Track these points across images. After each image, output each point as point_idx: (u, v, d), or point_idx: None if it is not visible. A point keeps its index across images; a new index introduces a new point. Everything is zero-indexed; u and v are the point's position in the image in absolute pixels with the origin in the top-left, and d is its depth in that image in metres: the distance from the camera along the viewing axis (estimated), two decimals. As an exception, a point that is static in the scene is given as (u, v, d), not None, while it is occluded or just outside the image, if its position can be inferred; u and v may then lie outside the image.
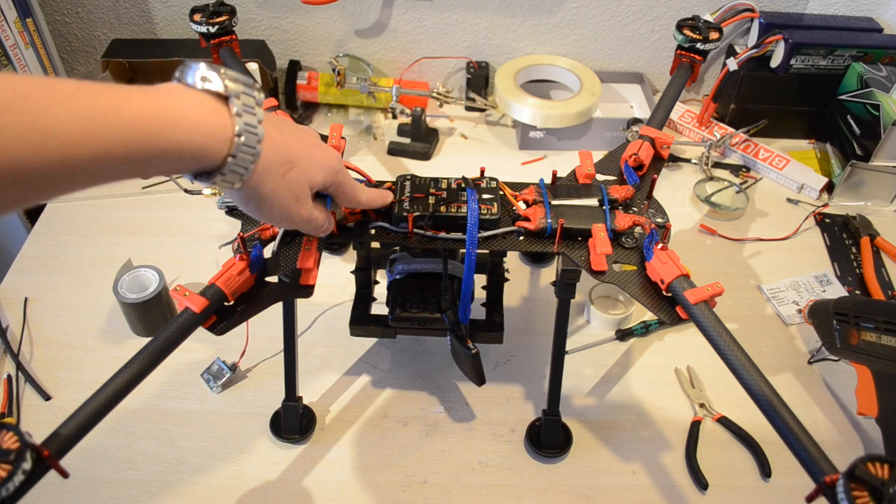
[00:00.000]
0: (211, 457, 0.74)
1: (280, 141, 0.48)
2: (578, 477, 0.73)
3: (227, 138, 0.43)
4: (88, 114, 0.36)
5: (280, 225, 0.54)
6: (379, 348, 0.85)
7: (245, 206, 0.50)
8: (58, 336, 0.85)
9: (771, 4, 1.15)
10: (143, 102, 0.39)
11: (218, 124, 0.42)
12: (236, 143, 0.43)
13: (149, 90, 0.40)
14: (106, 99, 0.37)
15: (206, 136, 0.41)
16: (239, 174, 0.44)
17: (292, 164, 0.49)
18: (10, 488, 0.44)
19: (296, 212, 0.52)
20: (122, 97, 0.38)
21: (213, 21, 0.80)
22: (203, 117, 0.42)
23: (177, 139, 0.40)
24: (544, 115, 1.07)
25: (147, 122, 0.39)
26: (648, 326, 0.87)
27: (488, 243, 0.65)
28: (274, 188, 0.48)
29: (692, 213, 1.04)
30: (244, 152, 0.44)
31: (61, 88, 0.36)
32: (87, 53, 1.22)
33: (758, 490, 0.72)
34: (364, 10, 1.16)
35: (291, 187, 0.50)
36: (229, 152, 0.43)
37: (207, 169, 0.43)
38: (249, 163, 0.44)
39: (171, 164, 0.41)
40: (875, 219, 1.01)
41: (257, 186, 0.47)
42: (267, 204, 0.49)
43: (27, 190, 0.35)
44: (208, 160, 0.42)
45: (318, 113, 1.21)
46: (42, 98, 0.35)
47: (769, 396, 0.52)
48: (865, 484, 0.43)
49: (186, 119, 0.41)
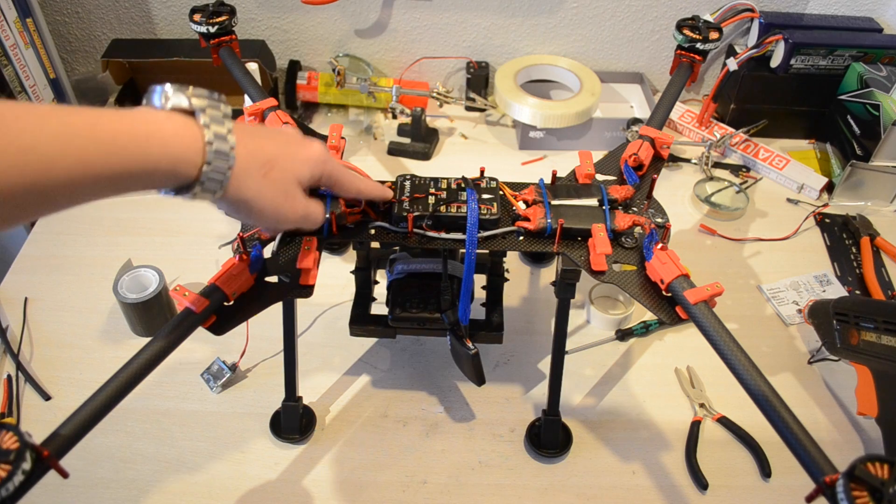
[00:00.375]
0: (211, 457, 0.74)
1: (254, 144, 0.49)
2: (578, 477, 0.73)
3: (198, 149, 0.44)
4: (64, 130, 0.37)
5: (278, 227, 0.55)
6: (379, 348, 0.85)
7: (236, 214, 0.50)
8: (58, 336, 0.85)
9: (771, 4, 1.15)
10: (116, 120, 0.40)
11: (188, 136, 0.43)
12: (208, 152, 0.44)
13: (121, 111, 0.42)
14: (80, 117, 0.38)
15: (178, 148, 0.43)
16: (217, 181, 0.45)
17: (272, 163, 0.50)
18: (10, 488, 0.44)
19: (289, 209, 0.52)
20: (95, 115, 0.39)
21: (212, 21, 0.80)
22: (173, 131, 0.43)
23: (151, 152, 0.41)
24: (544, 115, 1.07)
25: (122, 136, 0.40)
26: (648, 326, 0.87)
27: (488, 243, 0.65)
28: (258, 190, 0.49)
29: (692, 213, 1.04)
30: (218, 159, 0.44)
31: (36, 109, 0.37)
32: (87, 53, 1.22)
33: (758, 490, 0.72)
34: (364, 10, 1.16)
35: (277, 186, 0.50)
36: (203, 161, 0.44)
37: (185, 182, 0.44)
38: (225, 169, 0.45)
39: (148, 178, 0.42)
40: (875, 219, 1.01)
41: (239, 191, 0.47)
42: (256, 207, 0.49)
43: (10, 209, 0.36)
44: (184, 172, 0.43)
45: (318, 113, 1.21)
46: (18, 117, 0.36)
47: (769, 396, 0.52)
48: (865, 484, 0.43)
49: (158, 133, 0.42)
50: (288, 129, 0.57)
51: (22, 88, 1.02)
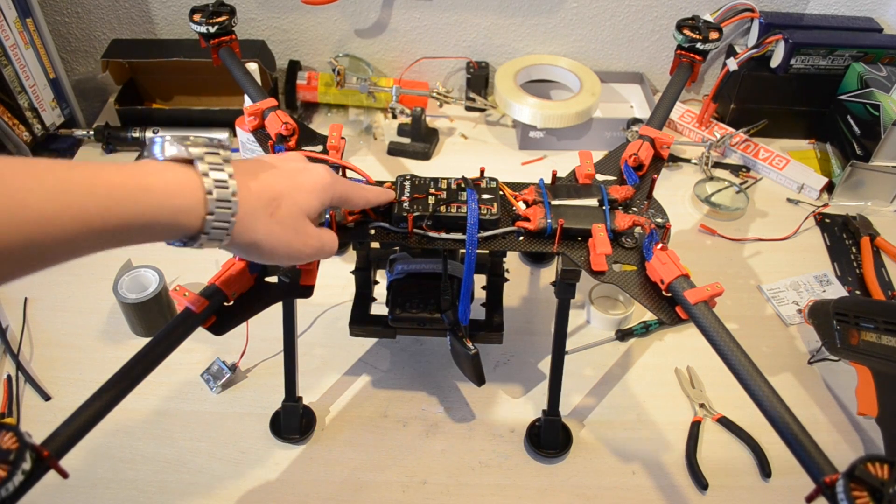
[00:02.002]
0: (211, 457, 0.74)
1: (257, 185, 0.48)
2: (578, 477, 0.73)
3: (199, 199, 0.43)
4: (63, 186, 0.37)
5: (293, 263, 0.54)
6: (379, 348, 0.85)
7: (248, 257, 0.49)
8: (58, 336, 0.85)
9: (771, 4, 1.15)
10: (115, 173, 0.40)
11: (187, 186, 0.43)
12: (209, 201, 0.43)
13: (120, 165, 0.41)
14: (78, 172, 0.38)
15: (178, 199, 0.42)
16: (222, 229, 0.44)
17: (278, 201, 0.49)
18: (10, 488, 0.44)
19: (301, 245, 0.51)
20: (94, 170, 0.39)
21: (212, 21, 0.80)
22: (173, 181, 0.42)
23: (151, 204, 0.40)
24: (544, 115, 1.07)
25: (120, 190, 0.39)
26: (648, 326, 0.87)
27: (488, 243, 0.65)
28: (267, 231, 0.48)
29: (692, 213, 1.04)
30: (220, 208, 0.44)
31: (34, 164, 0.37)
32: (87, 53, 1.22)
33: (758, 490, 0.72)
34: (364, 10, 1.16)
35: (286, 223, 0.49)
36: (206, 211, 0.43)
37: (189, 233, 0.44)
38: (228, 216, 0.44)
39: (149, 231, 0.41)
40: (875, 219, 1.01)
41: (247, 235, 0.46)
42: (267, 248, 0.48)
43: (9, 265, 0.36)
44: (186, 224, 0.43)
45: (318, 113, 1.21)
46: (16, 174, 0.35)
47: (769, 396, 0.52)
48: (865, 484, 0.43)
49: (157, 185, 0.41)
50: (290, 155, 0.56)
51: (22, 88, 1.02)
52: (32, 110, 1.05)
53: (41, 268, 0.38)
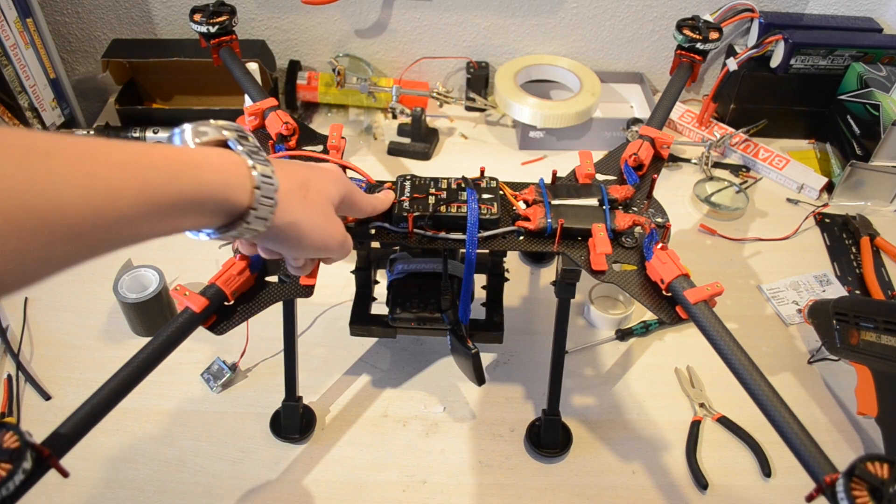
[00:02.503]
0: (211, 457, 0.74)
1: (286, 167, 0.48)
2: (578, 477, 0.73)
3: (245, 174, 0.43)
4: (125, 158, 0.36)
5: (320, 253, 0.52)
6: (379, 348, 0.85)
7: (283, 241, 0.48)
8: (58, 336, 0.85)
9: (771, 4, 1.15)
10: (169, 150, 0.40)
11: (233, 163, 0.42)
12: (255, 177, 0.43)
13: (166, 145, 0.41)
14: (135, 146, 0.38)
15: (228, 175, 0.42)
16: (268, 207, 0.44)
17: (307, 184, 0.49)
18: (11, 488, 0.44)
19: (332, 231, 0.50)
20: (149, 147, 0.39)
21: (213, 21, 0.80)
22: (219, 159, 0.42)
23: (205, 179, 0.40)
24: (544, 115, 1.07)
25: (177, 163, 0.39)
26: (648, 326, 0.87)
27: (488, 243, 0.65)
28: (304, 213, 0.47)
29: (692, 213, 1.04)
30: (265, 183, 0.43)
31: (92, 140, 0.36)
32: (87, 53, 1.22)
33: (758, 490, 0.72)
34: (364, 10, 1.16)
35: (318, 207, 0.49)
36: (252, 185, 0.43)
37: (237, 210, 0.43)
38: (273, 192, 0.44)
39: (204, 208, 0.41)
40: (875, 219, 1.01)
41: (288, 215, 0.46)
42: (305, 230, 0.48)
43: (75, 242, 0.35)
44: (237, 199, 0.42)
45: (318, 113, 1.21)
46: (81, 144, 0.35)
47: (769, 396, 0.52)
48: (865, 483, 0.43)
49: (206, 161, 0.41)
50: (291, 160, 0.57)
51: (22, 88, 1.02)
52: (32, 110, 1.05)
53: (102, 251, 0.37)
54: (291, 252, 0.50)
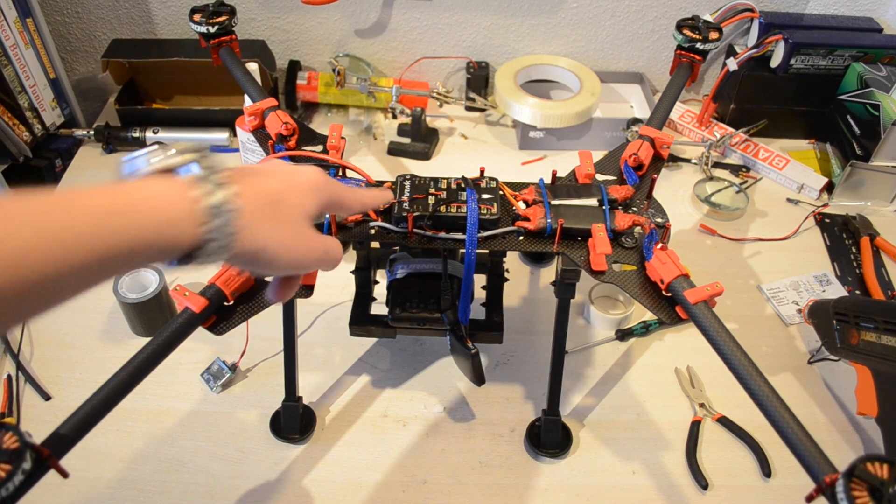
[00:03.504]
0: (211, 457, 0.74)
1: (254, 187, 0.43)
2: (578, 477, 0.73)
3: (185, 209, 0.38)
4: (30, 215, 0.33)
5: (297, 272, 0.49)
6: (379, 348, 0.85)
7: (252, 265, 0.44)
8: (58, 336, 0.85)
9: (771, 4, 1.15)
10: (90, 198, 0.36)
11: (170, 199, 0.38)
12: (202, 210, 0.38)
13: (102, 186, 0.37)
14: (51, 200, 0.34)
15: (163, 212, 0.37)
16: (226, 236, 0.39)
17: (277, 201, 0.44)
18: (10, 488, 0.44)
19: (305, 251, 0.46)
20: (64, 198, 0.35)
21: (212, 21, 0.80)
22: (157, 194, 0.38)
23: (130, 225, 0.36)
24: (544, 115, 1.07)
25: (97, 213, 0.35)
26: (648, 326, 0.87)
27: (488, 243, 0.65)
28: (272, 235, 0.43)
29: (692, 213, 1.04)
30: (218, 213, 0.39)
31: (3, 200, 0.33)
32: (87, 53, 1.22)
33: (758, 490, 0.72)
34: (364, 10, 1.16)
35: (290, 225, 0.45)
36: (198, 223, 0.38)
37: (180, 248, 0.39)
38: (229, 220, 0.39)
39: (137, 254, 0.37)
40: (875, 219, 1.01)
41: (252, 242, 0.42)
42: (275, 253, 0.44)
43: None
44: (174, 239, 0.38)
45: (318, 113, 1.21)
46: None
47: (769, 396, 0.52)
48: (865, 483, 0.43)
49: (138, 201, 0.37)
50: (274, 160, 0.53)
51: (22, 88, 1.02)
52: (32, 110, 1.05)
53: (17, 321, 0.34)
54: (265, 273, 0.47)
